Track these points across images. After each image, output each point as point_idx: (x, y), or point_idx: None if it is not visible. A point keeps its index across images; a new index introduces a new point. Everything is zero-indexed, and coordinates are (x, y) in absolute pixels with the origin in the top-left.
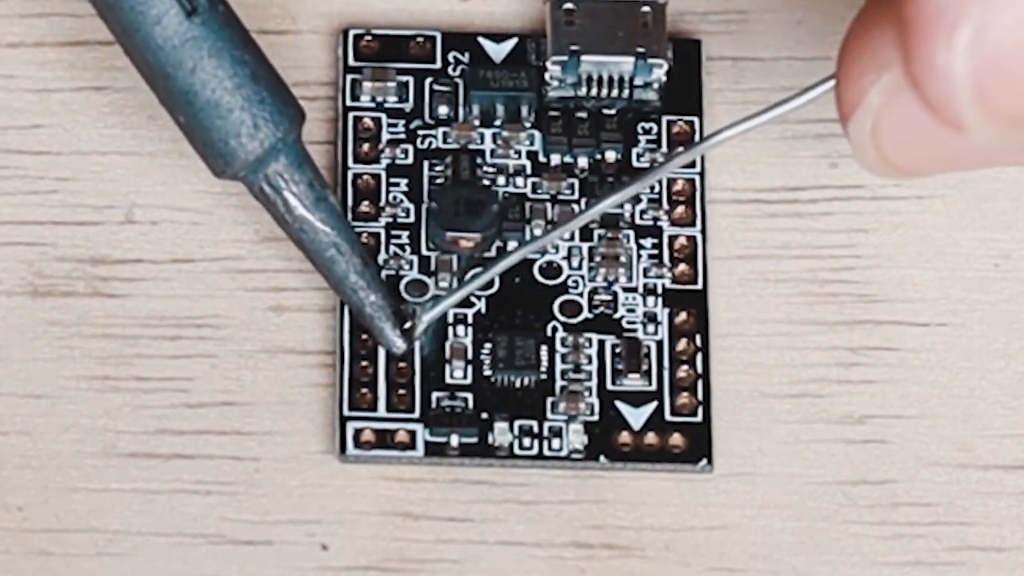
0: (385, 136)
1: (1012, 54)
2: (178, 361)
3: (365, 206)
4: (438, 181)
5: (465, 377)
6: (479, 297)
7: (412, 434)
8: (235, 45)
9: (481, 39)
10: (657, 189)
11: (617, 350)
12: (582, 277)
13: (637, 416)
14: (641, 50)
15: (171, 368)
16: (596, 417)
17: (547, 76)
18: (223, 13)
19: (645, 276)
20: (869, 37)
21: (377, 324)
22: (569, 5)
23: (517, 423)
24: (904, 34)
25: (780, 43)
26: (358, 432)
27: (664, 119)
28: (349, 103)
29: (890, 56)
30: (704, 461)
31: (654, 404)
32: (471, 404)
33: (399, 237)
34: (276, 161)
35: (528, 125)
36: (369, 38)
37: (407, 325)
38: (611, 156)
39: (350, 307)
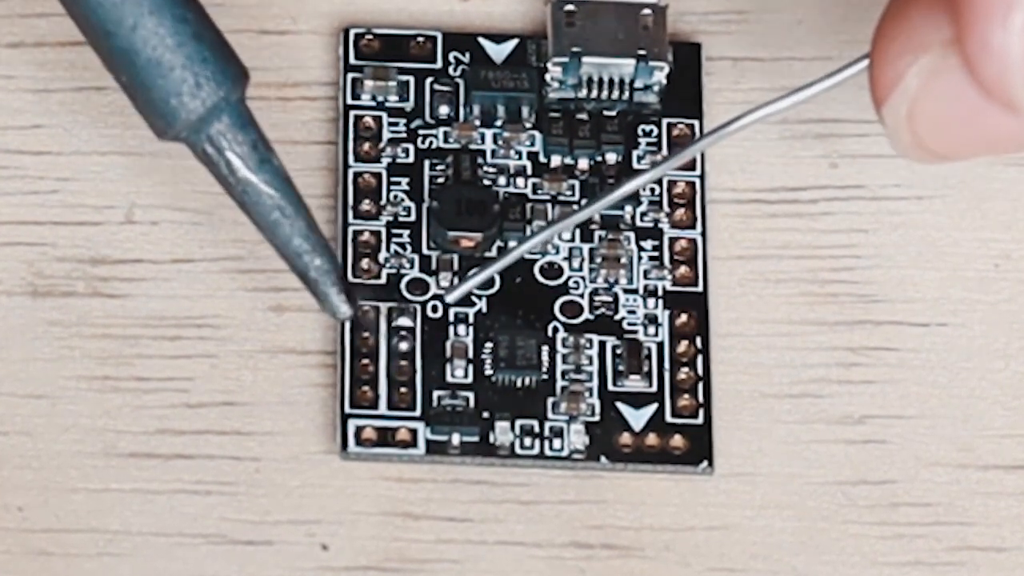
0: (386, 135)
1: None
2: (178, 361)
3: (366, 205)
4: (439, 180)
5: (466, 376)
6: (480, 297)
7: (413, 432)
8: (176, 3)
9: (482, 39)
10: (658, 191)
11: (618, 351)
12: (583, 278)
13: (638, 417)
14: (642, 52)
15: (171, 368)
16: (597, 418)
17: (548, 77)
18: None
19: (646, 278)
20: (907, 18)
21: (322, 289)
22: (570, 7)
23: (518, 423)
24: (958, 13)
25: (780, 43)
26: (359, 430)
27: (664, 121)
28: (350, 102)
29: (929, 37)
30: (705, 463)
31: (655, 406)
32: (472, 403)
33: (400, 236)
34: (219, 121)
35: (529, 126)
36: (370, 37)
37: (449, 290)
38: (611, 158)
39: (294, 271)
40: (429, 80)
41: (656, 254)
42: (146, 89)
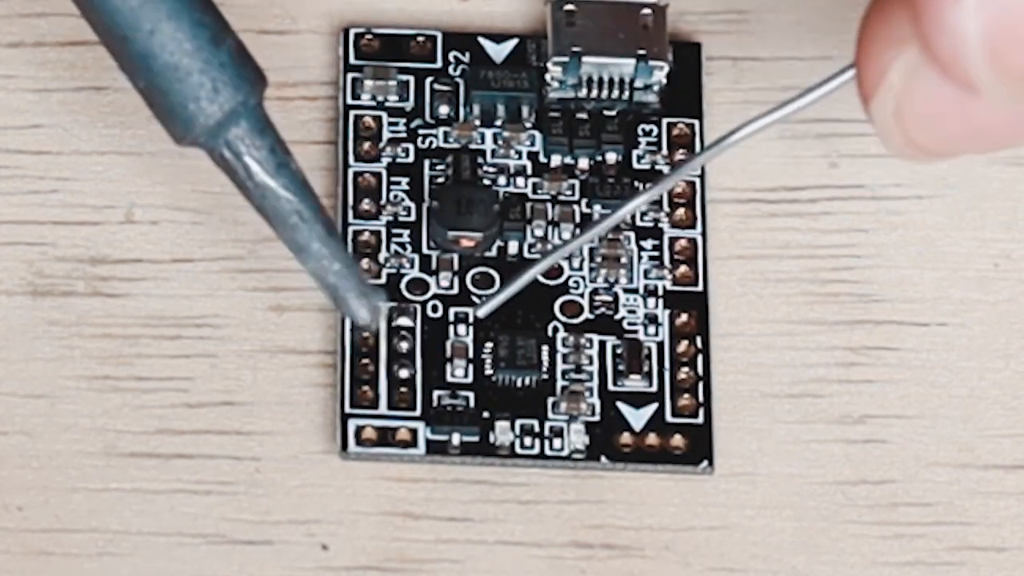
0: (386, 135)
1: (1019, 14)
2: (178, 361)
3: (366, 204)
4: (439, 180)
5: (466, 376)
6: (480, 296)
7: (413, 432)
8: (194, 7)
9: (481, 39)
10: None
11: (618, 351)
12: (583, 278)
13: (638, 417)
14: (642, 52)
15: (171, 368)
16: (597, 418)
17: (548, 77)
18: None
19: (646, 278)
20: (886, 14)
21: (341, 295)
22: (570, 6)
23: (518, 423)
24: None
25: (780, 43)
26: (359, 429)
27: (664, 121)
28: (350, 101)
29: (908, 32)
30: (705, 463)
31: (655, 405)
32: (472, 403)
33: (400, 235)
34: (236, 126)
35: (529, 126)
36: (370, 37)
37: (480, 304)
38: (611, 157)
39: (313, 277)
40: (429, 80)
41: (656, 254)
42: (163, 94)
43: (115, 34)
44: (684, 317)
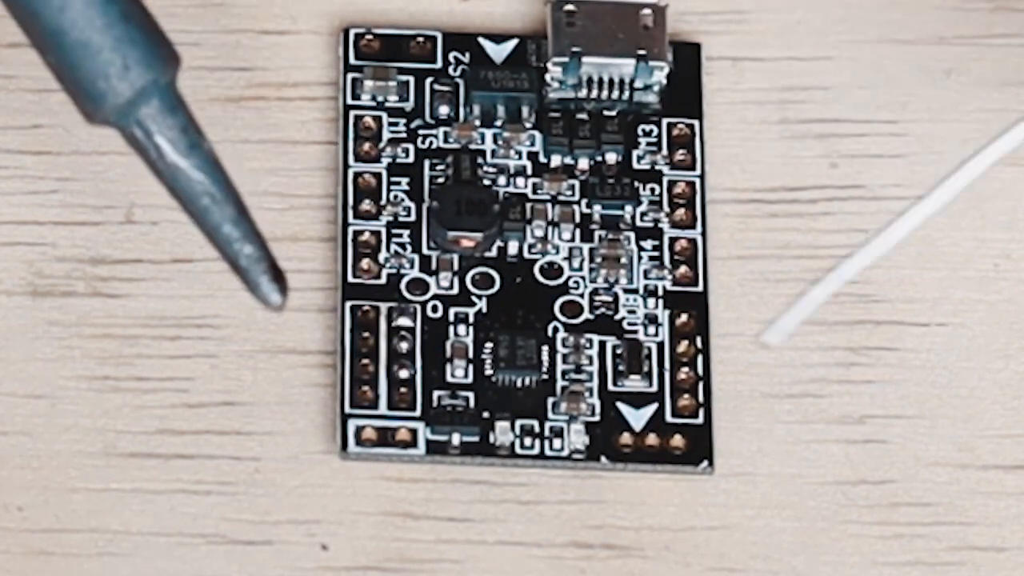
0: (386, 135)
1: None
2: (178, 361)
3: (366, 204)
4: (439, 180)
5: (466, 376)
6: (480, 297)
7: (413, 432)
8: None
9: (481, 39)
10: (658, 191)
11: (618, 351)
12: (583, 278)
13: (638, 417)
14: (642, 52)
15: (171, 368)
16: (597, 418)
17: (548, 77)
18: None
19: (646, 278)
20: None
21: (252, 278)
22: (570, 6)
23: (518, 423)
24: None
25: (780, 43)
26: (359, 430)
27: (664, 121)
28: (350, 102)
29: None
30: (705, 463)
31: (655, 405)
32: (472, 403)
33: (400, 236)
34: (147, 104)
35: (529, 126)
36: (370, 37)
37: (769, 330)
38: (611, 158)
39: (224, 259)
40: (429, 80)
41: (656, 254)
42: (74, 71)
43: (25, 9)
44: (684, 317)
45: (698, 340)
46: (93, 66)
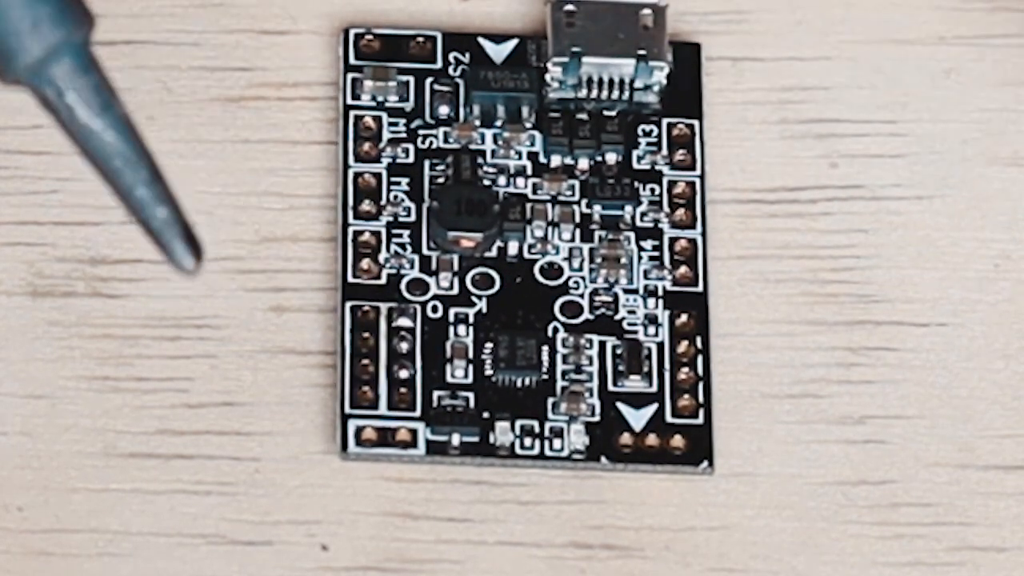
0: (386, 135)
1: None
2: (178, 361)
3: (366, 204)
4: (439, 180)
5: (466, 376)
6: (480, 297)
7: (413, 432)
8: None
9: (481, 39)
10: (658, 191)
11: (618, 352)
12: (583, 278)
13: (638, 417)
14: (642, 52)
15: (171, 368)
16: (597, 418)
17: (548, 77)
18: None
19: (646, 278)
20: None
21: (165, 241)
22: (570, 7)
23: (518, 423)
24: None
25: (780, 43)
26: (359, 430)
27: (664, 121)
28: (350, 102)
29: None
30: (705, 463)
31: (655, 406)
32: (472, 403)
33: (400, 236)
34: (59, 64)
35: (529, 126)
36: (370, 37)
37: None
38: (611, 158)
39: (137, 222)
40: (429, 80)
41: (656, 254)
42: None
43: None
44: (684, 317)
45: (698, 340)
46: (4, 25)
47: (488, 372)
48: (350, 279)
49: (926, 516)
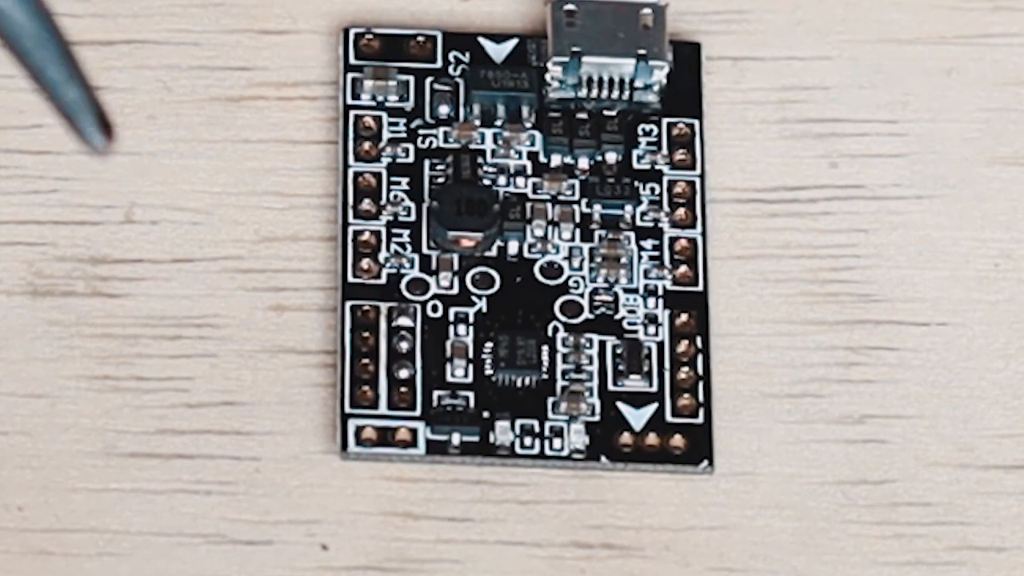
0: (386, 135)
1: None
2: (178, 361)
3: (366, 204)
4: (439, 180)
5: (466, 376)
6: (480, 296)
7: (413, 432)
8: None
9: (482, 39)
10: (658, 191)
11: (618, 351)
12: (583, 278)
13: (638, 417)
14: (642, 52)
15: (171, 368)
16: (597, 418)
17: (548, 77)
18: None
19: (646, 278)
20: None
21: (77, 121)
22: (570, 6)
23: (518, 423)
24: None
25: (780, 43)
26: (359, 429)
27: (664, 121)
28: (350, 101)
29: None
30: (705, 463)
31: (655, 405)
32: (472, 403)
33: (400, 235)
34: None
35: (529, 126)
36: (370, 37)
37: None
38: (611, 157)
39: (50, 103)
40: (429, 80)
41: (656, 254)
42: None
43: None
44: (684, 317)
45: (698, 340)
46: None
47: (488, 372)
48: (350, 279)
49: (926, 516)
